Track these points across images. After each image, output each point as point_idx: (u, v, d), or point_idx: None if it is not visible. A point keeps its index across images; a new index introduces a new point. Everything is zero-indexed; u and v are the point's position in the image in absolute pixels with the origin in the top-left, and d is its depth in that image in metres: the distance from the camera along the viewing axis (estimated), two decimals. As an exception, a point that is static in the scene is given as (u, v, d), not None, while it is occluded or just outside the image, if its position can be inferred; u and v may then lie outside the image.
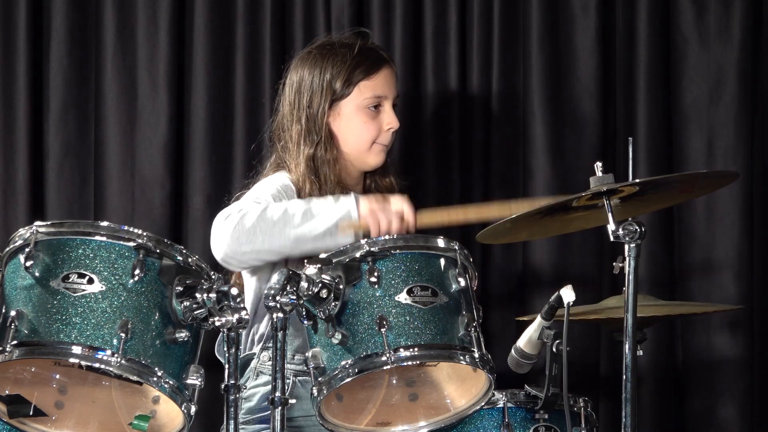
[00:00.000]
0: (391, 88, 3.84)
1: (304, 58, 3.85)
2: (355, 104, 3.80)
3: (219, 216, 3.55)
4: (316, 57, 3.82)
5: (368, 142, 3.82)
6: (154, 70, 4.44)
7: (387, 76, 3.84)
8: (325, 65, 3.79)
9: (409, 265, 3.15)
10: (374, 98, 3.81)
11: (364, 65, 3.81)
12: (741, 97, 4.36)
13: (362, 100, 3.80)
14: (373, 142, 3.82)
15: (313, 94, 3.79)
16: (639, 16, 4.40)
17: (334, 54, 3.81)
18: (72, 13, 4.47)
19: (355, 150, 3.82)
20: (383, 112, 3.82)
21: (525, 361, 3.44)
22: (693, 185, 3.57)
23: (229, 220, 3.50)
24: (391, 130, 3.83)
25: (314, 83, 3.79)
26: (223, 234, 3.50)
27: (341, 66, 3.79)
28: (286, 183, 3.74)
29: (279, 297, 3.02)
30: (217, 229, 3.52)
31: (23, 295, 3.01)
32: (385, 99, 3.82)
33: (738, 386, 4.34)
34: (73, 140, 4.47)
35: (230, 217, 3.51)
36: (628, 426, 3.23)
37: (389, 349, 3.08)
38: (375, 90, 3.81)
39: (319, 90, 3.78)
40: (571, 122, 4.41)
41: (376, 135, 3.82)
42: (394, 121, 3.83)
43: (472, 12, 4.44)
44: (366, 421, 3.30)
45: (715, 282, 4.36)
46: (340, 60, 3.79)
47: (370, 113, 3.81)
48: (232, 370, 3.05)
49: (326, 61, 3.80)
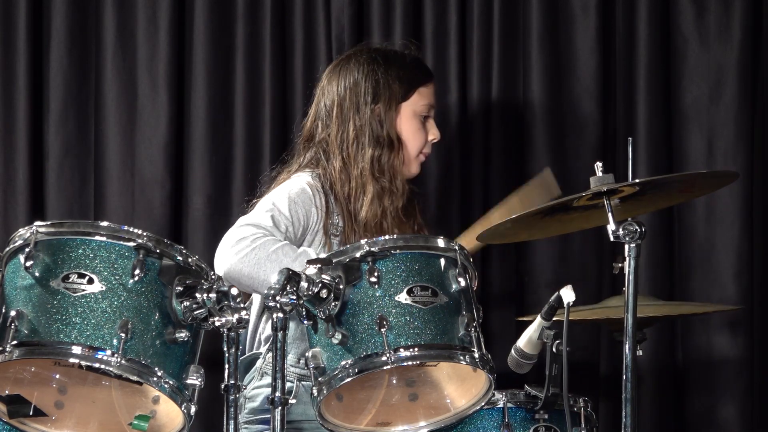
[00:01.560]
0: (435, 100, 3.87)
1: (351, 58, 3.80)
2: (413, 110, 3.79)
3: (231, 235, 3.53)
4: (370, 61, 3.77)
5: (417, 150, 3.82)
6: (154, 70, 4.44)
7: (433, 88, 3.86)
8: (387, 68, 3.77)
9: (409, 265, 3.15)
10: (427, 106, 3.82)
11: (422, 71, 3.83)
12: (741, 97, 4.37)
13: (420, 107, 3.80)
14: (420, 152, 3.83)
15: (380, 88, 3.75)
16: (639, 16, 4.40)
17: (393, 58, 3.80)
18: (72, 13, 4.48)
19: (406, 157, 3.82)
20: (429, 122, 3.84)
21: (525, 361, 3.44)
22: (693, 185, 3.57)
23: (239, 245, 3.49)
24: (434, 141, 3.84)
25: (380, 79, 3.75)
26: (229, 257, 3.49)
27: (403, 70, 3.78)
28: (303, 188, 3.70)
29: (279, 297, 3.02)
30: (225, 249, 3.51)
31: (23, 295, 3.01)
32: (433, 109, 3.84)
33: (738, 386, 4.34)
34: (73, 140, 4.48)
35: (242, 242, 3.50)
36: (628, 426, 3.23)
37: (389, 349, 3.08)
38: (429, 98, 3.83)
39: (386, 86, 3.75)
40: (571, 122, 4.41)
41: (423, 144, 3.83)
42: (438, 133, 3.84)
43: (472, 12, 4.44)
44: (366, 421, 3.30)
45: (715, 282, 4.36)
46: (400, 64, 3.79)
47: (420, 122, 3.81)
48: (232, 370, 3.05)
49: (388, 65, 3.77)
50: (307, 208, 3.68)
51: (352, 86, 3.77)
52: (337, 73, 3.80)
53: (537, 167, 4.38)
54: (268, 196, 3.71)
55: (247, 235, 3.52)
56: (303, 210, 3.67)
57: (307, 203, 3.69)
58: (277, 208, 3.63)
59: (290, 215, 3.63)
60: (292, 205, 3.66)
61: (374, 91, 3.76)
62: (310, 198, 3.70)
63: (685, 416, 4.39)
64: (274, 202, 3.66)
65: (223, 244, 3.53)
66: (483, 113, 4.43)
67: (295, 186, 3.72)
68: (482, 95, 4.43)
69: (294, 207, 3.66)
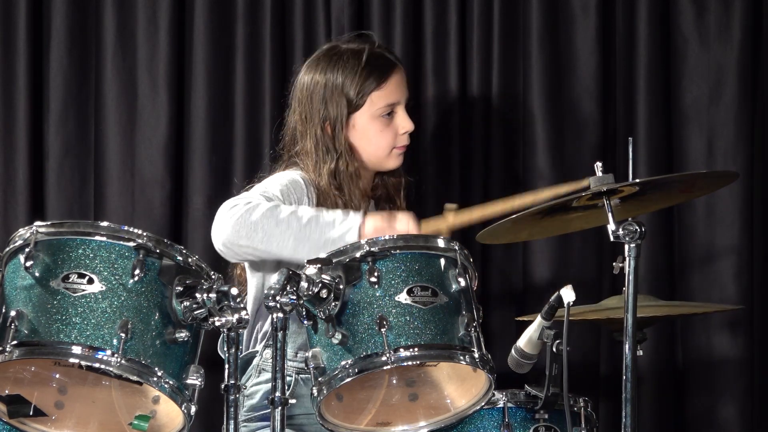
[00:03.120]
0: (402, 92, 3.81)
1: (311, 66, 3.80)
2: (369, 114, 3.77)
3: (225, 204, 3.53)
4: (325, 66, 3.77)
5: (387, 149, 3.80)
6: (154, 70, 4.44)
7: (397, 81, 3.80)
8: (335, 76, 3.75)
9: (409, 265, 3.15)
10: (387, 107, 3.78)
11: (375, 74, 3.77)
12: (741, 97, 4.36)
13: (375, 110, 3.77)
14: (391, 148, 3.81)
15: (327, 106, 3.75)
16: (639, 16, 4.40)
17: (343, 64, 3.76)
18: (72, 13, 4.48)
19: (375, 158, 3.80)
20: (397, 116, 3.80)
21: (525, 361, 3.44)
22: (693, 185, 3.57)
23: (234, 210, 3.50)
24: (406, 133, 3.81)
25: (326, 96, 3.75)
26: (225, 223, 3.49)
27: (352, 77, 3.75)
28: (295, 179, 3.73)
29: (279, 297, 3.02)
30: (220, 217, 3.51)
31: (23, 295, 3.01)
32: (398, 104, 3.80)
33: (738, 386, 4.34)
34: (73, 140, 4.48)
35: (236, 208, 3.50)
36: (628, 426, 3.23)
37: (389, 349, 3.08)
38: (388, 98, 3.78)
39: (333, 103, 3.75)
40: (571, 122, 4.41)
41: (393, 140, 3.80)
42: (409, 124, 3.80)
43: (472, 12, 4.44)
44: (366, 421, 3.30)
45: (715, 282, 4.36)
46: (350, 70, 3.75)
47: (384, 121, 3.78)
48: (232, 370, 3.05)
49: (336, 72, 3.75)
50: (299, 196, 3.69)
51: (306, 101, 3.78)
52: (297, 88, 3.82)
53: (537, 167, 4.38)
54: (259, 185, 3.72)
55: (239, 202, 3.52)
56: (296, 196, 3.67)
57: (299, 191, 3.69)
58: (269, 191, 3.64)
59: (282, 199, 3.64)
60: (285, 189, 3.66)
61: (324, 107, 3.76)
62: (302, 188, 3.71)
63: (685, 416, 4.39)
64: (267, 186, 3.67)
65: (217, 216, 3.52)
66: (483, 113, 4.43)
67: (286, 176, 3.74)
68: (482, 95, 4.43)
69: (287, 191, 3.66)
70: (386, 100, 3.78)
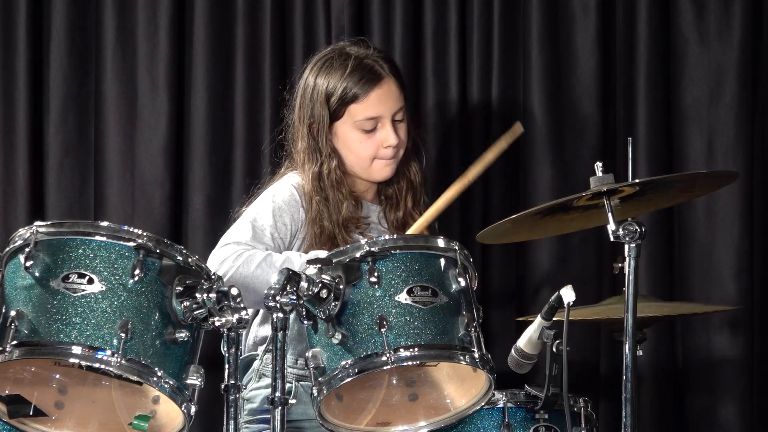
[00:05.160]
0: (386, 106, 3.74)
1: (310, 67, 3.80)
2: (349, 125, 3.75)
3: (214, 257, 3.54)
4: (318, 70, 3.76)
5: (368, 160, 3.77)
6: (154, 70, 4.44)
7: (381, 95, 3.73)
8: (323, 81, 3.74)
9: (409, 265, 3.14)
10: (367, 120, 3.74)
11: (357, 87, 3.71)
12: (741, 97, 4.37)
13: (354, 122, 3.74)
14: (373, 159, 3.79)
15: (314, 111, 3.75)
16: (639, 16, 4.40)
17: (332, 70, 3.74)
18: (72, 13, 4.48)
19: (357, 167, 3.78)
20: (380, 129, 3.74)
21: (525, 361, 3.44)
22: (693, 185, 3.57)
23: (223, 267, 3.50)
24: (390, 146, 3.76)
25: (314, 99, 3.75)
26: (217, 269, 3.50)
27: (335, 85, 3.72)
28: (289, 193, 3.72)
29: (279, 297, 3.02)
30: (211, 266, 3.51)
31: (23, 295, 3.01)
32: (382, 118, 3.74)
33: (738, 386, 4.34)
34: (73, 140, 4.48)
35: (224, 264, 3.51)
36: (628, 426, 3.23)
37: (389, 349, 3.08)
38: (367, 112, 3.73)
39: (318, 107, 3.74)
40: (571, 122, 4.41)
41: (375, 152, 3.76)
42: (391, 138, 3.74)
43: (472, 12, 4.44)
44: (366, 421, 3.30)
45: (714, 282, 4.36)
46: (335, 78, 3.73)
47: (363, 133, 3.74)
48: (232, 370, 3.05)
49: (324, 77, 3.74)
50: (293, 213, 3.68)
51: (301, 102, 3.78)
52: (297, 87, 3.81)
53: (537, 167, 4.38)
54: (253, 205, 3.72)
55: (228, 255, 3.52)
56: (288, 215, 3.67)
57: (293, 207, 3.69)
58: (260, 218, 3.64)
59: (274, 222, 3.64)
60: (277, 212, 3.66)
61: (310, 113, 3.75)
62: (296, 201, 3.70)
63: (685, 416, 4.39)
64: (258, 211, 3.67)
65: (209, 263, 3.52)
66: (483, 113, 4.43)
67: (280, 191, 3.73)
68: (482, 95, 4.43)
69: (279, 213, 3.66)
70: (366, 113, 3.73)
